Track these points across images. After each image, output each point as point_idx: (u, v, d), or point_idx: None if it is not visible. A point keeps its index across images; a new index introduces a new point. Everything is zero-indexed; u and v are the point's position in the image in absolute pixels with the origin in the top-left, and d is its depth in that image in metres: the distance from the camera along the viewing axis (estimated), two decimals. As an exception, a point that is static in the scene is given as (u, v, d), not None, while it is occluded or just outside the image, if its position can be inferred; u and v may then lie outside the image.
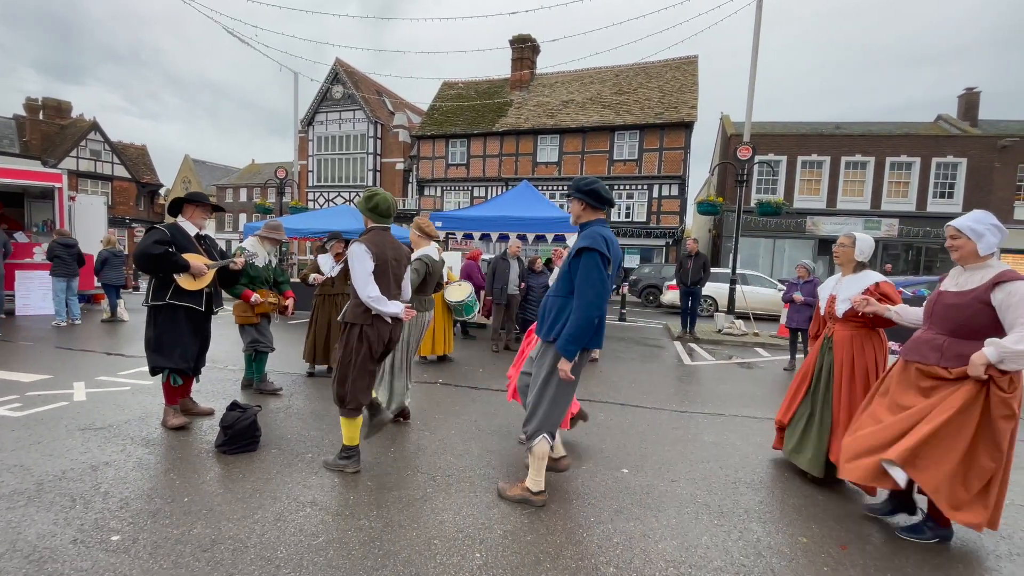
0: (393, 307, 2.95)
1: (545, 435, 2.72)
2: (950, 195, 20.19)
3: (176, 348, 3.70)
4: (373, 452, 3.43)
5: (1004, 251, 19.71)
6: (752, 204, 18.03)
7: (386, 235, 3.05)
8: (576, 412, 3.67)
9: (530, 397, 2.80)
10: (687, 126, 22.12)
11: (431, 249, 4.05)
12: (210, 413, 4.06)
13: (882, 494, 2.99)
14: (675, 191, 22.76)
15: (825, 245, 20.77)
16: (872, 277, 3.18)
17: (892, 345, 3.52)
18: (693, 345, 9.00)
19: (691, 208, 25.79)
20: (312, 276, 5.44)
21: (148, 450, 3.32)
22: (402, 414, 4.08)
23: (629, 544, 2.43)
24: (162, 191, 38.31)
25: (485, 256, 12.45)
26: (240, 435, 3.32)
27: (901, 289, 9.35)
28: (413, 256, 3.87)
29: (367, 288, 2.85)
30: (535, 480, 2.79)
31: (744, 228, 16.31)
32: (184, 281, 3.67)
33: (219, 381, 5.14)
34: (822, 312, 3.47)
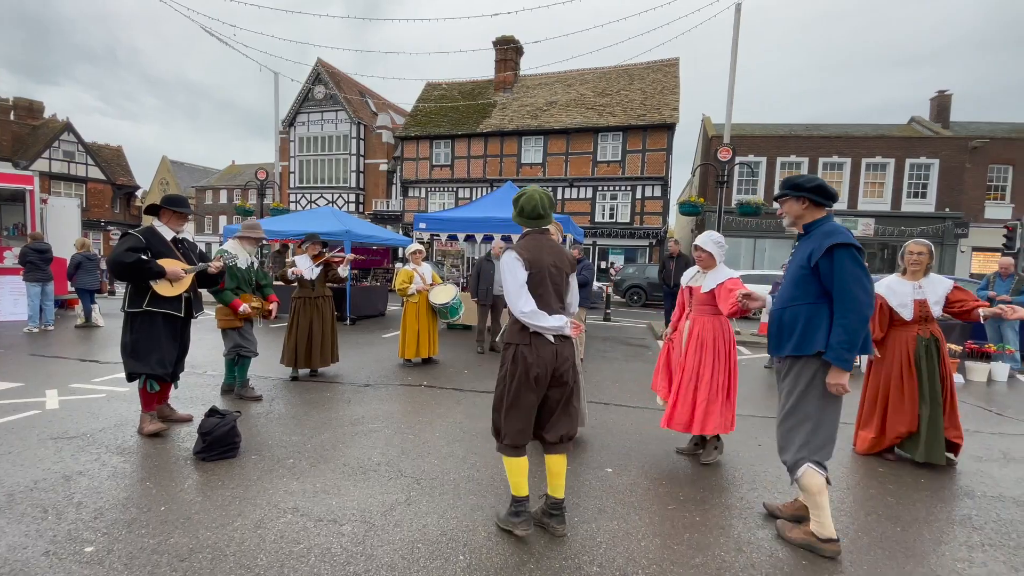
0: (554, 321, 2.39)
1: (811, 464, 2.37)
2: (923, 195, 20.75)
3: (154, 353, 3.62)
4: (356, 456, 3.40)
5: (975, 249, 20.35)
6: (733, 204, 18.29)
7: (543, 239, 2.52)
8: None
9: (781, 424, 2.52)
10: (669, 128, 22.38)
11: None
12: (188, 420, 3.99)
13: None
14: (658, 192, 23.00)
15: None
16: (945, 281, 3.60)
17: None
18: (676, 344, 9.08)
19: (674, 209, 26.10)
20: (290, 270, 5.36)
21: (123, 458, 3.24)
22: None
23: (612, 543, 2.45)
24: (139, 193, 37.48)
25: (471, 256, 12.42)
26: (219, 441, 3.26)
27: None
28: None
29: (519, 301, 2.36)
30: (819, 522, 2.39)
31: (725, 228, 16.54)
32: (162, 287, 3.60)
33: (198, 387, 5.05)
34: (909, 316, 3.60)
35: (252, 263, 4.79)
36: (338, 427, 3.99)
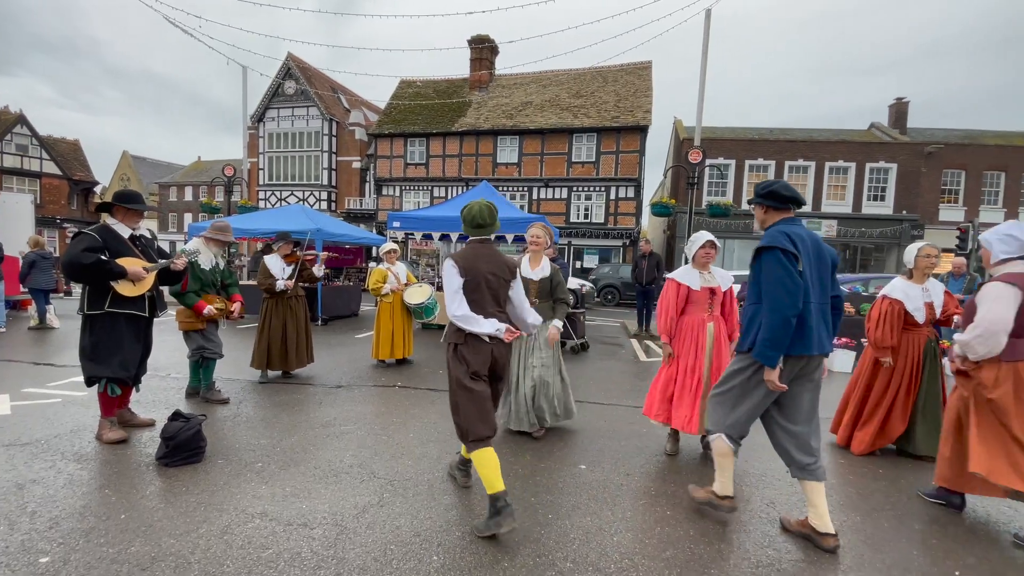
0: (486, 327, 2.56)
1: (723, 435, 2.61)
2: (882, 198, 21.62)
3: (115, 356, 3.48)
4: (327, 459, 3.34)
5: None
6: (703, 206, 18.70)
7: (481, 248, 2.70)
8: None
9: (711, 396, 2.72)
10: (642, 130, 22.70)
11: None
12: (151, 424, 3.85)
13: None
14: (631, 193, 23.31)
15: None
16: (939, 284, 3.77)
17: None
18: (649, 342, 9.25)
19: (646, 209, 26.48)
20: (280, 283, 5.25)
21: (80, 466, 3.11)
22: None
23: (586, 539, 2.48)
24: (98, 189, 35.91)
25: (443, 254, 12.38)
26: (183, 446, 3.16)
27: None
28: None
29: (451, 305, 2.57)
30: (721, 482, 2.68)
31: (695, 229, 16.90)
32: (123, 287, 3.45)
33: (161, 390, 4.88)
34: (922, 319, 3.68)
35: (217, 264, 4.63)
36: (309, 429, 3.92)
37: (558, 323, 3.82)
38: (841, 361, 7.13)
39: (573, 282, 11.44)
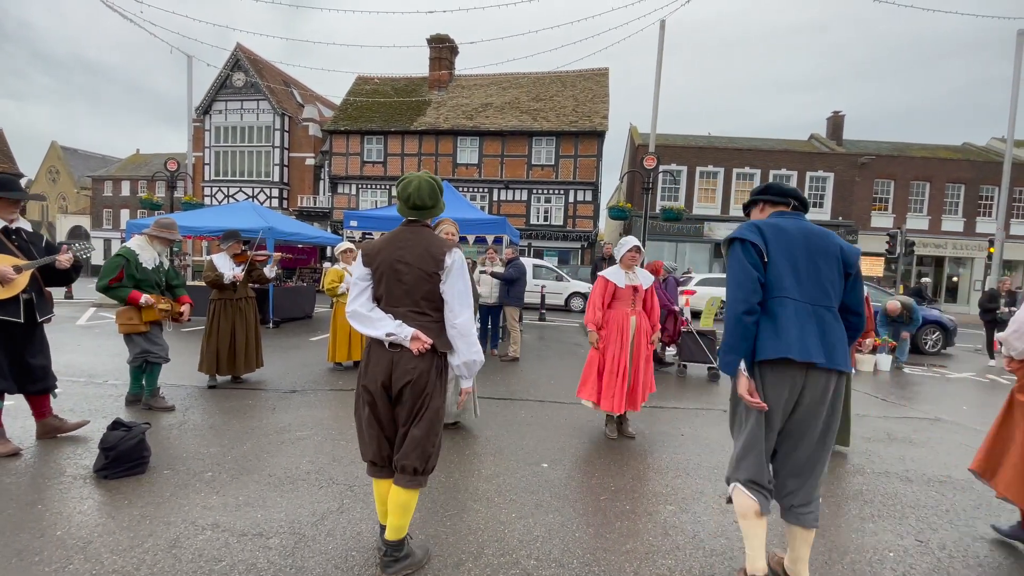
0: (380, 328, 2.04)
1: (738, 484, 2.06)
2: (821, 205, 23.01)
3: None
4: (283, 466, 3.23)
5: (863, 254, 22.84)
6: (657, 210, 19.29)
7: (403, 231, 2.14)
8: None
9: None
10: (599, 135, 23.20)
11: None
12: (85, 423, 3.64)
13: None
14: (589, 197, 23.78)
15: (720, 249, 22.75)
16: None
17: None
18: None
19: (604, 213, 27.04)
20: (229, 273, 5.03)
21: (10, 480, 2.87)
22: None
23: (549, 536, 2.51)
24: (23, 181, 33.18)
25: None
26: (124, 457, 2.96)
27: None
28: None
29: (349, 301, 2.15)
30: (748, 555, 2.06)
31: (650, 232, 17.40)
32: None
33: (98, 398, 4.57)
34: None
35: (161, 263, 4.37)
36: (262, 436, 3.77)
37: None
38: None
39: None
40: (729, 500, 2.14)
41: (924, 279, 19.58)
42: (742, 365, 1.99)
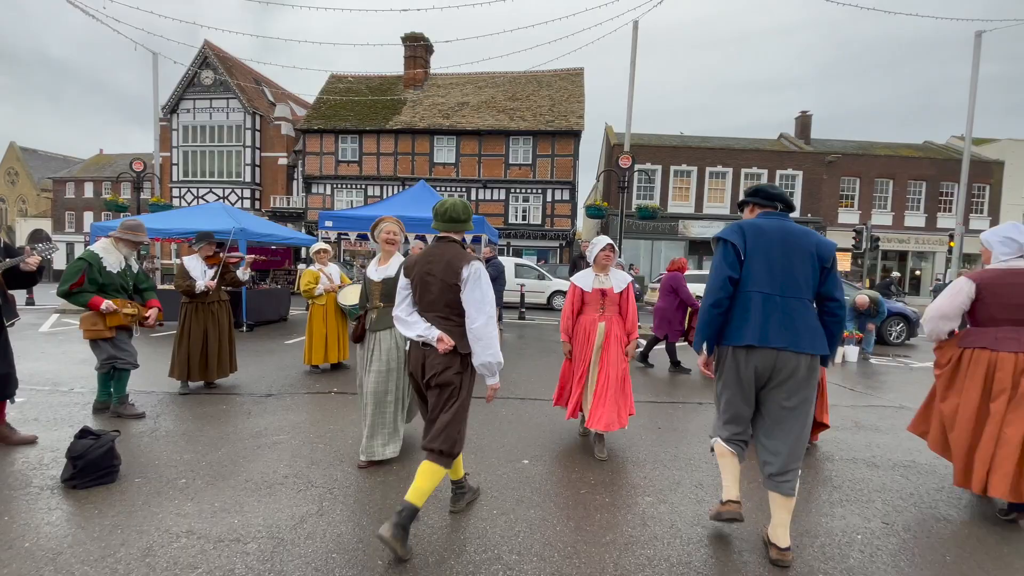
0: (412, 331, 2.45)
1: (719, 439, 2.53)
2: (791, 202, 23.62)
3: None
4: (260, 470, 3.18)
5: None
6: (633, 208, 19.55)
7: (435, 246, 2.50)
8: None
9: None
10: (575, 134, 23.37)
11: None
12: (32, 441, 3.49)
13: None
14: (567, 196, 23.93)
15: (695, 246, 23.23)
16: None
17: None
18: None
19: (581, 212, 27.26)
20: (201, 283, 4.90)
21: (-34, 494, 2.75)
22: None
23: (530, 531, 2.54)
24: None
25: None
26: (93, 466, 2.87)
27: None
28: None
29: (395, 306, 2.56)
30: (724, 487, 2.54)
31: (626, 230, 17.63)
32: None
33: (63, 406, 4.41)
34: None
35: (128, 266, 4.24)
36: (237, 441, 3.70)
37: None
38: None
39: None
40: (712, 450, 2.61)
41: (894, 273, 20.26)
42: (704, 346, 2.46)
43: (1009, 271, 2.83)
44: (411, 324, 2.47)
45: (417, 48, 26.80)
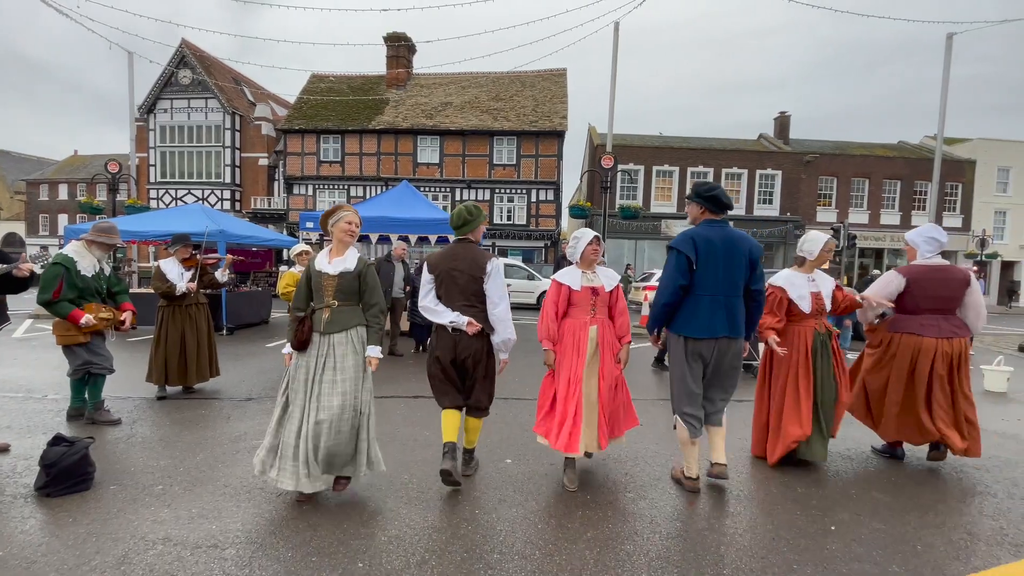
0: (444, 317, 2.93)
1: (677, 417, 3.09)
2: (770, 201, 24.06)
3: None
4: (238, 475, 3.15)
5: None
6: (616, 208, 19.71)
7: (455, 246, 3.05)
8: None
9: None
10: (559, 135, 23.46)
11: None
12: (4, 449, 3.42)
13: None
14: (551, 196, 24.00)
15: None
16: (830, 278, 3.57)
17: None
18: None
19: (566, 212, 27.38)
20: (182, 285, 4.84)
21: (-68, 506, 2.68)
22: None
23: (512, 529, 2.56)
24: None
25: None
26: (67, 473, 2.82)
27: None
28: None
29: (419, 296, 3.05)
30: (686, 464, 3.08)
31: (610, 230, 17.76)
32: None
33: (36, 413, 4.31)
34: (807, 308, 3.40)
35: (101, 270, 4.16)
36: (216, 446, 3.65)
37: (375, 351, 2.84)
38: None
39: None
40: (675, 427, 3.13)
41: (875, 271, 20.70)
42: (656, 331, 3.18)
43: (933, 267, 3.35)
44: (440, 313, 2.94)
45: (400, 48, 26.65)
